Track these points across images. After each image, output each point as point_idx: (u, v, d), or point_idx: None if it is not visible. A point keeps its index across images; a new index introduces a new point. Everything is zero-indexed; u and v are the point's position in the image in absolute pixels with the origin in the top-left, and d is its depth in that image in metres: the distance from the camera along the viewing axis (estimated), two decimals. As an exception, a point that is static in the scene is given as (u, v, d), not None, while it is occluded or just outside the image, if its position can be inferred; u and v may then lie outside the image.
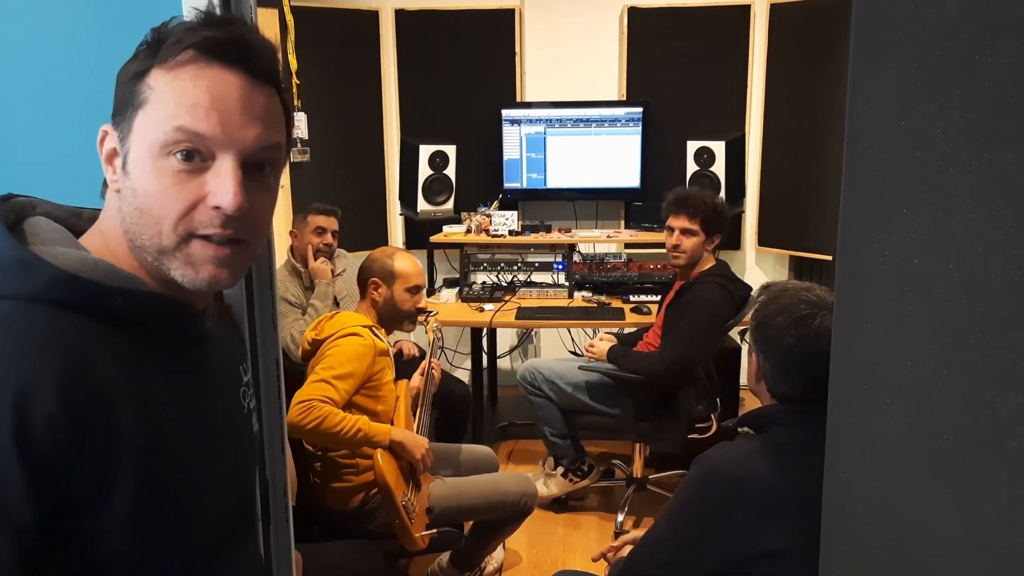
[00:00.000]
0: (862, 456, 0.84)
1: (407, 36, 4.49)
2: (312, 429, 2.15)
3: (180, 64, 0.83)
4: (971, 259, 0.65)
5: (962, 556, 0.69)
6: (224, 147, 0.84)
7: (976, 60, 0.64)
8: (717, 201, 3.16)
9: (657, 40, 4.40)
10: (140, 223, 0.84)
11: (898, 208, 0.73)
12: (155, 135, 0.83)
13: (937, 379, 0.70)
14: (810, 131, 4.13)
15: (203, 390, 0.94)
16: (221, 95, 0.84)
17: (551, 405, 3.30)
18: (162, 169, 0.83)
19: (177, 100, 0.83)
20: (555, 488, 3.43)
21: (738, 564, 1.40)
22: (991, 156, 0.63)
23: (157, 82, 0.84)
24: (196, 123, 0.83)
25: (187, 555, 0.87)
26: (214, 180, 0.84)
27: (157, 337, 0.87)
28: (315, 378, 2.22)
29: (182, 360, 0.91)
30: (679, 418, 3.10)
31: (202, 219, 0.84)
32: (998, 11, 0.62)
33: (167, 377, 0.87)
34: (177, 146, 0.83)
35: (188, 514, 0.87)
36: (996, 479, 0.64)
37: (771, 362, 1.52)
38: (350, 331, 2.31)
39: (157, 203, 0.83)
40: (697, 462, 1.50)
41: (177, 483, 0.85)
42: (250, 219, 0.87)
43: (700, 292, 3.02)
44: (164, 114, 0.83)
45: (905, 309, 0.74)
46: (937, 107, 0.68)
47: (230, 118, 0.84)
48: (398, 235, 4.74)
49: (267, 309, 1.28)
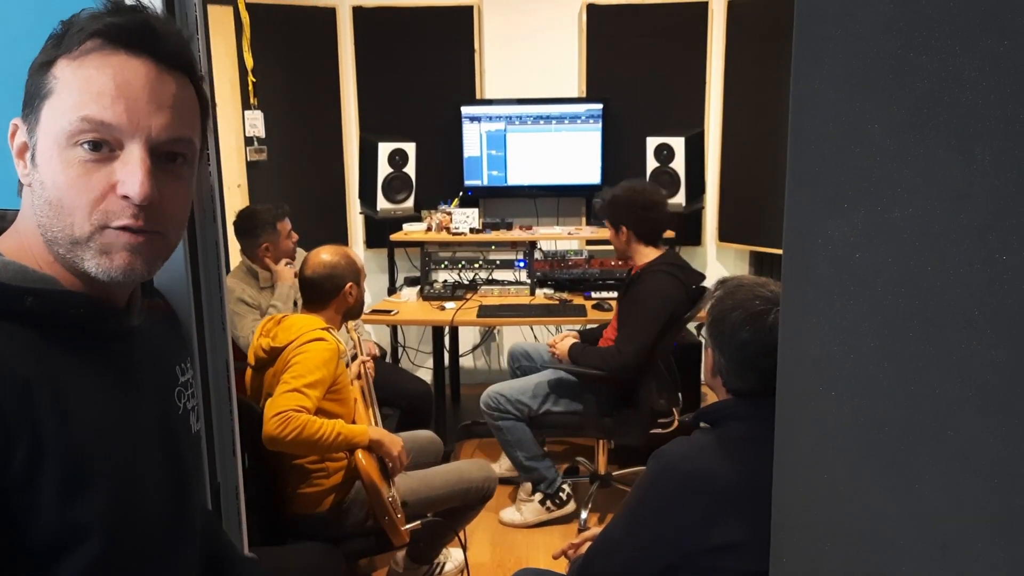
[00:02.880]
0: (809, 448, 0.85)
1: (365, 33, 4.46)
2: (292, 440, 2.12)
3: (85, 53, 0.82)
4: (908, 253, 0.67)
5: (904, 544, 0.70)
6: (131, 136, 0.83)
7: (909, 57, 0.65)
8: (617, 192, 3.20)
9: (616, 37, 4.41)
10: (51, 216, 0.83)
11: (839, 203, 0.74)
12: (61, 125, 0.82)
13: (879, 372, 0.72)
14: (768, 126, 4.18)
15: (130, 388, 0.92)
16: (126, 82, 0.83)
17: (520, 425, 3.25)
18: (69, 159, 0.82)
19: (82, 89, 0.82)
20: (530, 515, 3.35)
21: (695, 557, 1.41)
22: (924, 150, 0.64)
23: (62, 72, 0.83)
24: (102, 112, 0.81)
25: (122, 550, 0.86)
26: (122, 169, 0.83)
27: (74, 335, 0.86)
28: (285, 388, 2.18)
29: (104, 358, 0.90)
30: (641, 412, 3.12)
31: (113, 209, 0.83)
32: (929, 10, 0.63)
33: (88, 375, 0.86)
34: (83, 136, 0.82)
35: (118, 511, 0.85)
36: (934, 469, 0.66)
37: (726, 357, 1.54)
38: (313, 336, 2.28)
39: (66, 195, 0.82)
40: (654, 457, 1.51)
41: (104, 479, 0.84)
42: (162, 209, 0.86)
43: (646, 282, 3.05)
44: (69, 104, 0.82)
45: (848, 303, 0.75)
46: (873, 103, 0.69)
47: (136, 106, 0.83)
48: (358, 234, 4.71)
49: (216, 311, 1.26)
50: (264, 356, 2.33)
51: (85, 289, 0.88)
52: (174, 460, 0.98)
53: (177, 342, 1.12)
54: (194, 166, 0.93)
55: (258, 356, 2.35)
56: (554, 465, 3.37)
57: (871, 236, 0.71)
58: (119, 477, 0.86)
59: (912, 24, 0.65)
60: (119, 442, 0.88)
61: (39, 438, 0.78)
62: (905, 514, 0.70)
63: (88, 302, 0.88)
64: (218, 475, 1.28)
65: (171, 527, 0.95)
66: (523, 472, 3.35)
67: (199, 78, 0.92)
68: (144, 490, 0.90)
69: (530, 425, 3.27)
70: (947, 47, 0.62)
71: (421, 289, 4.08)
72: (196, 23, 1.16)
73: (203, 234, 1.26)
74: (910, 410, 0.68)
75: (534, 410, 3.25)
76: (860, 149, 0.71)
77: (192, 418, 1.08)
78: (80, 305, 0.87)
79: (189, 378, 1.09)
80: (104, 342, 0.90)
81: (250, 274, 3.39)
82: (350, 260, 2.46)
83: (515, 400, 3.25)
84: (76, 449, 0.81)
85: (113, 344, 0.92)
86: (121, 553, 0.86)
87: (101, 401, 0.87)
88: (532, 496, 3.36)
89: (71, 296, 0.86)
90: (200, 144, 0.93)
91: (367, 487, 2.25)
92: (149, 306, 1.01)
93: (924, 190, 0.65)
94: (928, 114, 0.64)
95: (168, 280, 1.18)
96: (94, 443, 0.84)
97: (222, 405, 1.29)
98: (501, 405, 3.26)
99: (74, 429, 0.81)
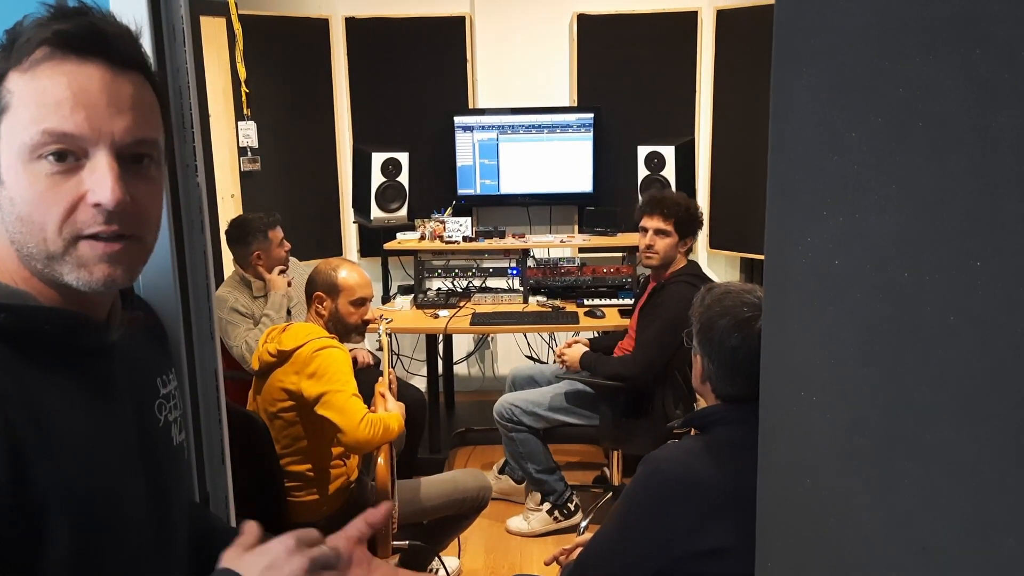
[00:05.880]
0: (791, 452, 0.86)
1: (358, 44, 4.47)
2: (381, 439, 2.22)
3: (35, 63, 0.81)
4: (885, 259, 0.67)
5: (885, 547, 0.71)
6: (95, 143, 0.82)
7: (886, 67, 0.66)
8: (691, 204, 3.16)
9: (607, 46, 4.43)
10: (24, 232, 0.82)
11: (818, 210, 0.75)
12: (22, 140, 0.80)
13: (857, 377, 0.72)
14: (758, 134, 4.19)
15: (110, 403, 0.92)
16: (82, 89, 0.81)
17: (533, 438, 3.21)
18: (35, 174, 0.81)
19: (38, 101, 0.80)
20: (537, 525, 3.32)
21: (684, 562, 1.42)
22: (901, 159, 0.65)
23: (16, 85, 0.81)
24: (62, 123, 0.80)
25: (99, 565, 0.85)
26: (90, 178, 0.82)
27: (51, 351, 0.85)
28: (342, 398, 2.22)
29: (81, 373, 0.89)
30: (656, 422, 3.07)
31: (85, 219, 0.82)
32: (906, 21, 0.65)
33: (64, 390, 0.85)
34: (46, 149, 0.80)
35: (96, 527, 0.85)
36: (912, 473, 0.66)
37: (715, 363, 1.55)
38: (327, 343, 2.30)
39: (36, 209, 0.81)
40: (643, 462, 1.52)
41: (82, 495, 0.83)
42: (135, 212, 0.85)
43: (673, 292, 2.99)
44: (28, 118, 0.80)
45: (827, 309, 0.76)
46: (851, 112, 0.70)
47: (96, 112, 0.82)
48: (352, 243, 4.71)
49: (204, 321, 1.27)
50: (272, 359, 2.33)
51: (63, 303, 0.87)
52: (153, 475, 0.97)
53: (158, 354, 1.11)
54: (162, 165, 0.91)
55: (264, 361, 2.36)
56: (563, 477, 3.34)
57: (850, 243, 0.72)
58: (97, 493, 0.85)
59: (888, 35, 0.66)
60: (97, 458, 0.87)
61: (17, 455, 0.77)
62: (885, 517, 0.70)
63: (64, 317, 0.87)
64: (207, 484, 1.28)
65: (151, 541, 0.95)
66: (533, 484, 3.32)
67: (154, 75, 0.90)
68: (122, 505, 0.89)
69: (543, 436, 3.23)
70: (922, 57, 0.63)
71: (415, 297, 4.09)
72: (183, 34, 1.17)
73: (191, 244, 1.26)
74: (889, 414, 0.69)
75: (549, 421, 3.20)
76: (838, 157, 0.72)
77: (175, 430, 1.07)
78: (56, 321, 0.86)
79: (171, 389, 1.07)
80: (81, 357, 0.89)
81: (243, 283, 3.40)
82: (329, 272, 2.46)
83: (530, 411, 3.20)
84: (54, 464, 0.80)
85: (90, 359, 0.91)
86: (99, 568, 0.85)
87: (78, 417, 0.86)
88: (540, 506, 3.34)
89: (47, 312, 0.86)
90: (164, 142, 0.92)
91: (379, 494, 2.26)
92: (129, 319, 1.00)
93: (901, 198, 0.66)
94: (904, 123, 0.65)
95: (156, 290, 1.18)
96: (71, 459, 0.83)
97: (211, 414, 1.29)
98: (515, 416, 3.20)
99: (52, 444, 0.81)
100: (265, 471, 2.29)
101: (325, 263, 2.51)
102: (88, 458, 0.86)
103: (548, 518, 3.32)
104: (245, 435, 2.16)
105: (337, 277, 2.44)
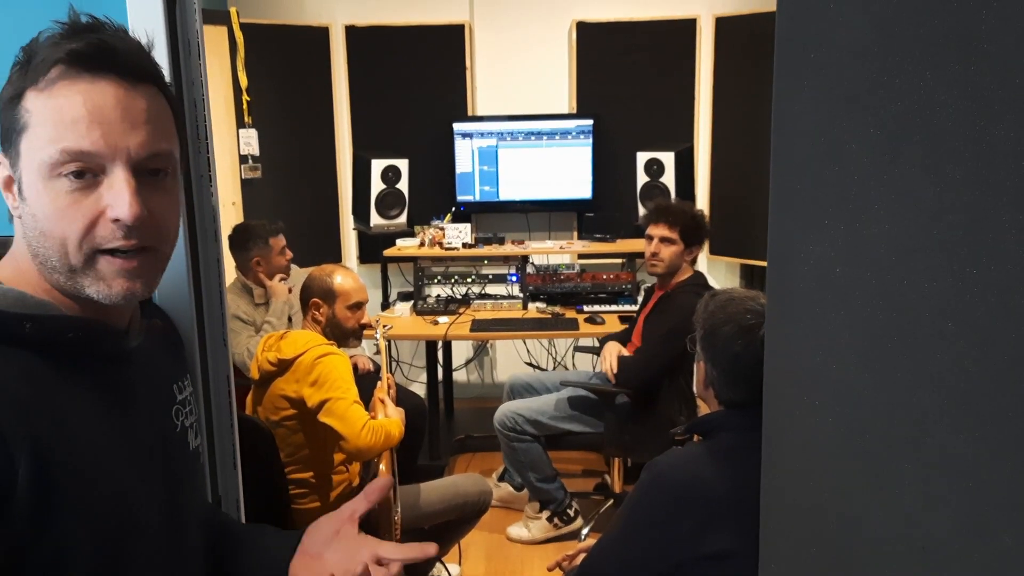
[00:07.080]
0: (795, 456, 0.88)
1: (358, 51, 4.50)
2: (383, 445, 2.23)
3: (51, 83, 0.83)
4: (884, 267, 0.70)
5: (886, 547, 0.73)
6: (111, 159, 0.84)
7: (885, 80, 0.68)
8: (697, 212, 3.16)
9: (606, 54, 4.46)
10: (46, 246, 0.85)
11: (820, 219, 0.77)
12: (41, 159, 0.82)
13: (859, 382, 0.74)
14: (757, 140, 4.21)
15: (129, 409, 0.94)
16: (98, 107, 0.83)
17: (536, 447, 3.18)
18: (55, 191, 0.83)
19: (55, 121, 0.82)
20: (537, 532, 3.30)
21: (688, 566, 1.43)
22: (899, 170, 0.67)
23: (33, 104, 0.83)
24: (79, 141, 0.82)
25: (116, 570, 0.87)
26: (109, 193, 0.84)
27: (73, 358, 0.87)
28: (343, 405, 2.23)
29: (102, 380, 0.91)
30: (661, 429, 3.03)
31: (104, 234, 0.84)
32: (904, 36, 0.67)
33: (86, 397, 0.87)
34: (65, 167, 0.82)
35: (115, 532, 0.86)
36: (913, 474, 0.68)
37: (719, 370, 1.56)
38: (327, 351, 2.31)
39: (57, 225, 0.84)
40: (646, 468, 1.53)
41: (103, 500, 0.85)
42: (153, 225, 0.87)
43: (682, 302, 2.96)
44: (46, 137, 0.82)
45: (829, 315, 0.78)
46: (851, 124, 0.72)
47: (112, 128, 0.83)
48: (351, 249, 4.73)
49: (217, 328, 1.29)
50: (272, 368, 2.34)
51: (83, 312, 0.89)
52: (170, 479, 0.99)
53: (175, 360, 1.13)
54: (178, 177, 0.93)
55: (264, 370, 2.37)
56: (563, 485, 3.33)
57: (850, 252, 0.74)
58: (117, 498, 0.87)
59: (887, 49, 0.68)
60: (117, 463, 0.89)
61: (41, 460, 0.78)
62: (886, 518, 0.72)
63: (85, 325, 0.89)
64: (219, 488, 1.30)
65: (167, 545, 0.96)
66: (533, 493, 3.31)
67: (167, 85, 0.92)
68: (140, 509, 0.91)
69: (545, 444, 3.20)
70: (920, 71, 0.65)
71: (414, 304, 4.10)
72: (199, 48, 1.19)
73: (205, 252, 1.28)
74: (889, 418, 0.71)
75: (553, 430, 3.17)
76: (839, 168, 0.75)
77: (191, 435, 1.09)
78: (79, 329, 0.88)
79: (187, 395, 1.10)
80: (102, 364, 0.91)
81: (245, 290, 3.41)
82: (324, 278, 2.48)
83: (533, 420, 3.16)
84: (76, 471, 0.82)
85: (111, 366, 0.93)
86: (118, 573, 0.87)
87: (99, 423, 0.88)
88: (540, 513, 3.33)
89: (68, 320, 0.87)
90: (180, 153, 0.94)
91: (383, 502, 2.27)
92: (147, 327, 1.02)
93: (899, 208, 0.68)
94: (902, 135, 0.67)
95: (171, 297, 1.20)
96: (93, 464, 0.85)
97: (223, 419, 1.31)
98: (518, 425, 3.17)
99: (73, 451, 0.82)
100: (271, 477, 2.30)
101: (319, 270, 2.53)
102: (109, 464, 0.87)
103: (548, 525, 3.32)
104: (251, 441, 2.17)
105: (333, 283, 2.46)
